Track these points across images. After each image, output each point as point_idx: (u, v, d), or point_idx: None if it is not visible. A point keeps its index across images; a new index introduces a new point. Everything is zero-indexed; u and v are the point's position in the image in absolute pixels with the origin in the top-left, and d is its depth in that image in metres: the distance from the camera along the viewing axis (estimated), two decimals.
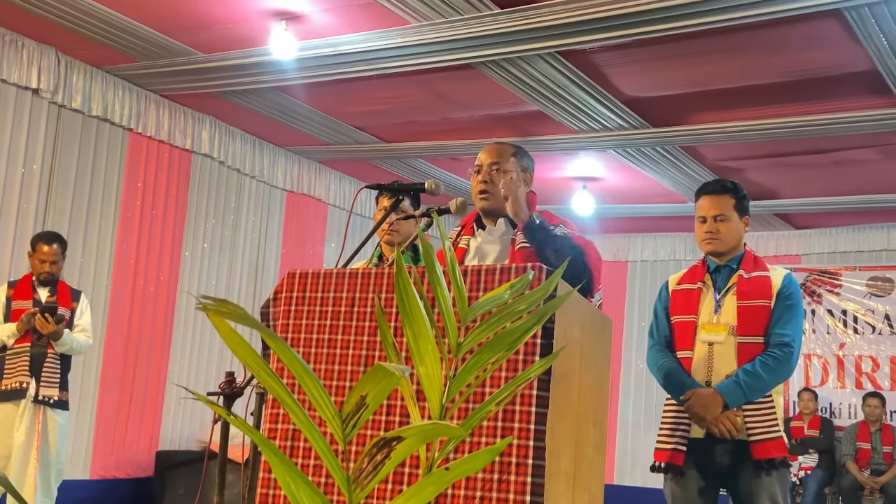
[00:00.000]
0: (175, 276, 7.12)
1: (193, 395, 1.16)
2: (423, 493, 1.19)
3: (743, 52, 5.36)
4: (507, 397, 1.46)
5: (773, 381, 3.11)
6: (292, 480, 1.17)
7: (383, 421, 2.28)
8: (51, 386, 4.93)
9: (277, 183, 8.05)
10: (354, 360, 2.38)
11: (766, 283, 3.21)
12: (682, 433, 3.17)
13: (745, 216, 3.33)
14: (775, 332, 3.13)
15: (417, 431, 1.15)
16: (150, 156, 6.92)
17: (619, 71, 5.81)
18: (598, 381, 2.53)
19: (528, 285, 1.84)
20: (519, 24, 5.07)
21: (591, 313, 2.55)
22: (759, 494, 3.05)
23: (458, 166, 8.19)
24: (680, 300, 3.32)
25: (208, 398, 1.26)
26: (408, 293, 1.37)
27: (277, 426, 2.42)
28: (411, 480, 2.20)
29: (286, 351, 1.13)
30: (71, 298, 5.16)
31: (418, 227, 2.81)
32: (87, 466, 6.42)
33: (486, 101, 6.53)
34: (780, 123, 6.42)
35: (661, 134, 6.86)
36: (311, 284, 2.50)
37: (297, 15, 5.29)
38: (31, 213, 6.03)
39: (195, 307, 1.07)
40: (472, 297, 2.23)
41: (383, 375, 1.13)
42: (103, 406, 6.52)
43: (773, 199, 8.49)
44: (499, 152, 3.02)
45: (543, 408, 2.14)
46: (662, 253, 10.24)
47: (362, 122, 7.32)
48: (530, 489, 2.09)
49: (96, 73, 6.40)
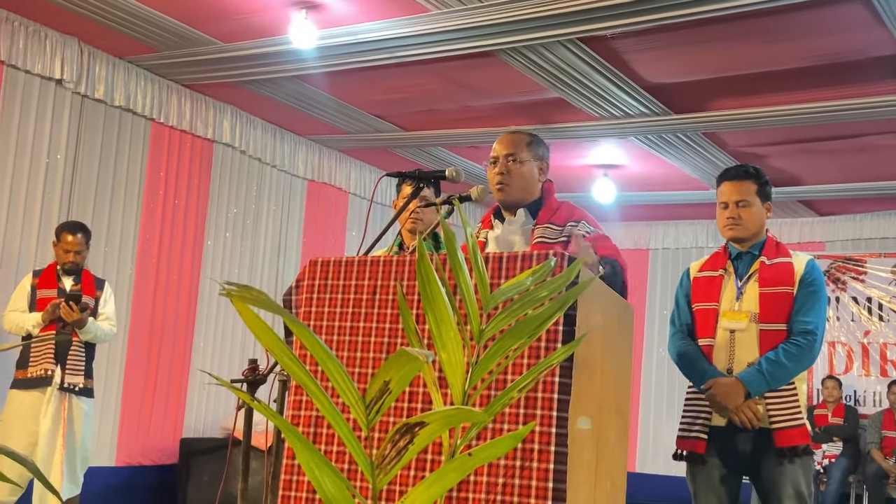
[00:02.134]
0: (198, 264, 7.16)
1: (218, 382, 1.17)
2: (447, 478, 1.19)
3: (766, 36, 5.31)
4: (529, 384, 1.46)
5: (796, 368, 3.09)
6: (316, 466, 1.18)
7: (405, 408, 2.29)
8: (76, 374, 4.98)
9: (298, 172, 8.08)
10: (376, 347, 2.39)
11: (789, 269, 3.18)
12: (704, 421, 3.16)
13: (767, 202, 3.30)
14: (798, 320, 3.11)
15: (441, 417, 1.16)
16: (172, 145, 6.96)
17: (640, 57, 5.78)
18: (620, 368, 2.53)
19: (550, 272, 1.84)
20: (539, 10, 5.04)
21: (613, 301, 2.54)
22: (782, 482, 3.04)
23: (477, 154, 8.18)
24: (701, 287, 3.31)
25: (233, 385, 1.27)
26: (430, 280, 1.38)
27: (300, 413, 2.44)
28: (433, 467, 2.21)
29: (310, 337, 1.14)
30: (95, 287, 5.20)
31: (440, 215, 2.81)
32: (112, 453, 6.49)
33: (506, 89, 6.51)
34: (803, 109, 6.35)
35: (682, 120, 6.81)
36: (333, 272, 2.51)
37: (317, 4, 5.29)
38: (56, 203, 6.09)
39: (219, 293, 1.07)
40: (494, 285, 2.23)
41: (406, 361, 1.13)
42: (128, 393, 6.59)
43: (797, 186, 8.42)
44: (514, 142, 3.00)
45: (566, 395, 2.14)
46: (684, 240, 10.18)
47: (382, 111, 7.32)
48: (553, 476, 2.09)
49: (118, 64, 6.44)
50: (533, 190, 2.98)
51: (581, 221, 2.87)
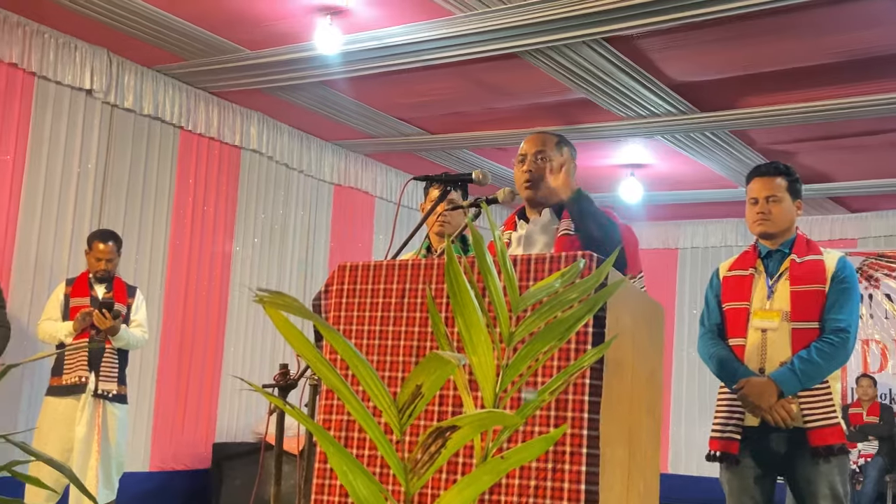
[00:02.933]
0: (227, 270, 7.22)
1: (251, 387, 1.18)
2: (479, 481, 1.19)
3: (792, 32, 5.26)
4: (560, 386, 1.46)
5: (829, 367, 3.06)
6: (349, 470, 1.19)
7: (436, 411, 2.30)
8: (109, 380, 5.04)
9: (325, 177, 8.11)
10: (406, 351, 2.39)
11: (820, 267, 3.15)
12: (737, 421, 3.13)
13: (797, 199, 3.27)
14: (830, 318, 3.08)
15: (473, 420, 1.16)
16: (200, 153, 7.02)
17: (665, 56, 5.75)
18: (651, 369, 2.52)
19: (579, 274, 1.84)
20: (563, 11, 5.04)
21: (643, 301, 2.53)
22: (817, 482, 3.01)
23: (503, 156, 8.17)
24: (731, 287, 3.28)
25: (265, 390, 1.28)
26: (459, 283, 1.38)
27: (331, 417, 2.45)
28: (465, 470, 2.21)
29: (341, 342, 1.14)
30: (127, 294, 5.26)
31: (467, 218, 2.81)
32: (146, 459, 6.55)
33: (532, 90, 6.51)
34: (831, 105, 6.29)
35: (709, 119, 6.77)
36: (362, 276, 2.52)
37: (342, 9, 5.32)
38: (87, 211, 6.16)
39: (252, 300, 1.08)
40: (522, 287, 2.23)
41: (438, 364, 1.14)
42: (161, 399, 6.65)
43: (827, 183, 8.34)
44: (542, 141, 3.01)
45: (597, 396, 2.13)
46: (713, 239, 10.11)
47: (407, 115, 7.34)
48: (585, 478, 2.08)
49: (147, 73, 6.51)
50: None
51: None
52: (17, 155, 5.79)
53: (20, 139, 5.80)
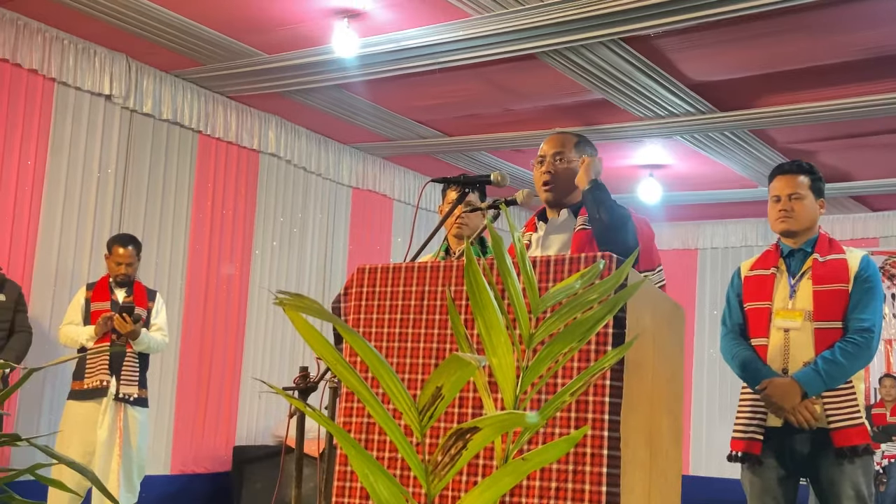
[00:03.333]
0: (246, 273, 7.25)
1: (273, 390, 1.18)
2: (501, 483, 1.19)
3: (812, 30, 5.22)
4: (581, 387, 1.45)
5: (853, 367, 3.03)
6: (371, 472, 1.19)
7: (456, 413, 2.29)
8: (130, 384, 5.06)
9: (343, 180, 8.13)
10: (426, 352, 2.39)
11: (843, 266, 3.12)
12: (760, 422, 3.11)
13: (820, 198, 3.25)
14: (854, 317, 3.05)
15: (494, 422, 1.15)
16: (218, 157, 7.05)
17: (684, 55, 5.72)
18: (672, 370, 2.50)
19: (599, 275, 1.83)
20: (580, 11, 5.02)
21: (663, 302, 2.51)
22: (841, 483, 2.98)
23: (521, 157, 8.16)
24: (753, 286, 3.26)
25: (287, 392, 1.28)
26: (479, 284, 1.38)
27: (351, 420, 2.45)
28: (485, 472, 2.20)
29: (362, 344, 1.14)
30: (147, 298, 5.28)
31: (486, 219, 2.80)
32: (167, 462, 6.58)
33: (549, 91, 6.49)
34: (852, 103, 6.24)
35: (729, 118, 6.73)
36: (381, 279, 2.52)
37: (359, 12, 5.33)
38: (107, 216, 6.20)
39: (272, 303, 1.08)
40: (542, 288, 2.22)
41: (458, 366, 1.13)
42: (181, 402, 6.68)
43: (848, 182, 8.27)
44: (561, 142, 3.00)
45: (617, 398, 2.12)
46: (733, 239, 10.05)
47: (425, 117, 7.34)
48: (606, 479, 2.07)
49: (165, 78, 6.54)
50: (578, 190, 2.97)
51: None
52: (38, 160, 5.83)
53: (40, 144, 5.85)
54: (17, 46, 5.63)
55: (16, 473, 1.61)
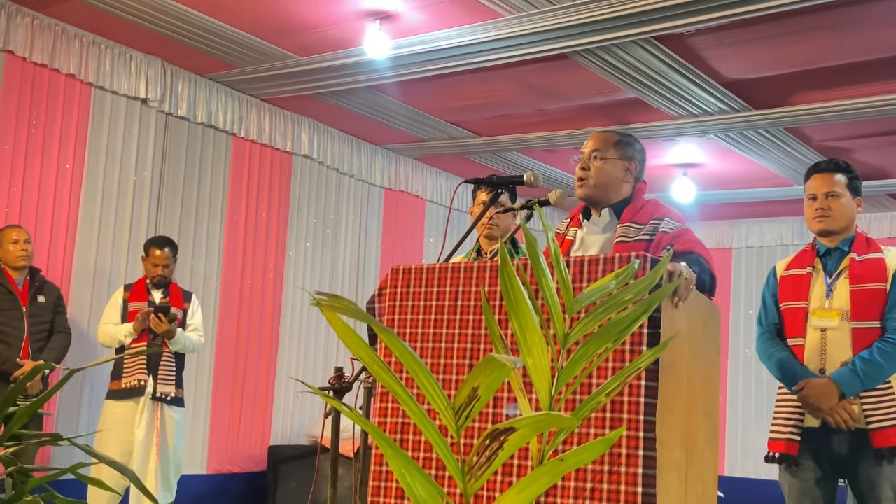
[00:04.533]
0: (280, 274, 7.30)
1: (310, 389, 1.19)
2: (537, 483, 1.19)
3: (847, 27, 5.16)
4: (617, 388, 1.45)
5: (892, 367, 3.00)
6: (408, 472, 1.20)
7: (490, 413, 2.30)
8: (167, 383, 5.13)
9: (375, 181, 8.17)
10: (460, 353, 2.40)
11: (881, 265, 3.09)
12: (797, 423, 3.08)
13: (857, 197, 3.21)
14: (893, 317, 3.02)
15: (530, 422, 1.16)
16: (252, 159, 7.11)
17: (718, 53, 5.67)
18: (708, 370, 2.49)
19: (633, 275, 1.83)
20: (613, 10, 5.00)
21: (699, 302, 2.50)
22: (880, 484, 2.95)
23: (553, 158, 8.14)
24: (789, 286, 3.23)
25: (324, 393, 1.29)
26: (513, 285, 1.38)
27: (386, 420, 2.46)
28: (520, 472, 2.21)
29: (398, 345, 1.15)
30: (183, 299, 5.35)
31: (519, 220, 2.80)
32: (203, 461, 6.64)
33: (581, 91, 6.47)
34: (888, 100, 6.15)
35: (764, 116, 6.66)
36: (415, 279, 2.53)
37: (391, 14, 5.35)
38: (144, 218, 6.28)
39: (310, 304, 1.10)
40: (576, 288, 2.22)
41: (494, 367, 1.14)
42: (217, 402, 6.74)
43: (886, 179, 8.15)
44: (601, 140, 2.98)
45: (653, 398, 2.12)
46: (768, 238, 9.95)
47: (456, 118, 7.35)
48: (642, 480, 2.07)
49: (200, 81, 6.61)
50: (617, 189, 2.93)
51: (665, 218, 2.81)
52: (76, 164, 5.92)
53: (78, 148, 5.94)
54: (55, 52, 5.72)
55: (59, 472, 1.64)
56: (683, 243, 2.68)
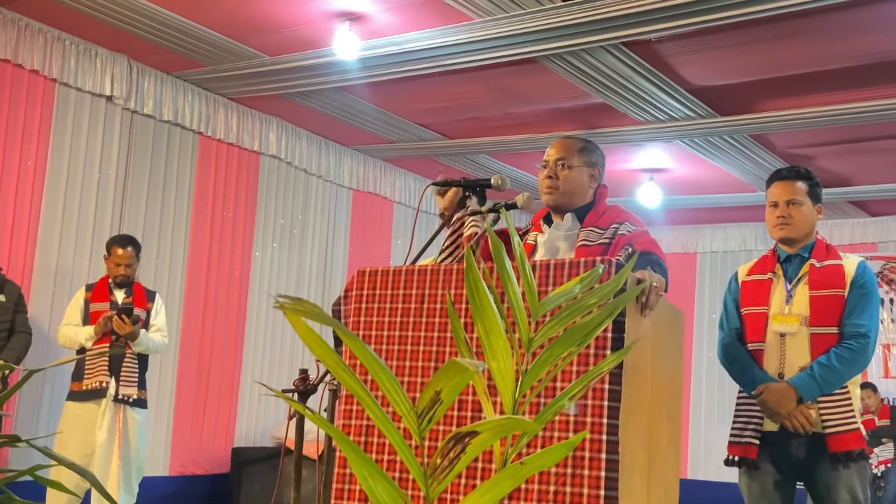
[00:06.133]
0: (246, 275, 7.25)
1: (272, 392, 1.19)
2: (499, 487, 1.20)
3: (811, 36, 5.24)
4: (580, 392, 1.46)
5: (849, 373, 3.04)
6: (370, 475, 1.19)
7: (455, 416, 2.30)
8: (130, 385, 5.07)
9: (344, 182, 8.14)
10: (425, 356, 2.40)
11: (839, 271, 3.14)
12: (756, 427, 3.12)
13: (818, 204, 3.26)
14: (850, 322, 3.06)
15: (492, 426, 1.16)
16: (219, 158, 7.06)
17: (684, 60, 5.73)
18: (671, 374, 2.51)
19: (598, 279, 1.84)
20: (581, 16, 5.03)
21: (662, 306, 2.52)
22: (837, 487, 2.99)
23: (522, 161, 8.17)
24: (750, 291, 3.27)
25: (286, 395, 1.29)
26: (478, 288, 1.38)
27: (351, 422, 2.46)
28: (484, 475, 2.21)
29: (361, 348, 1.15)
30: (146, 299, 5.29)
31: (486, 223, 2.80)
32: (166, 463, 6.58)
33: (550, 95, 6.50)
34: (851, 109, 6.25)
35: (729, 123, 6.74)
36: (381, 282, 2.53)
37: (361, 15, 5.34)
38: (107, 217, 6.21)
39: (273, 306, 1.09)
40: (542, 292, 2.23)
41: (457, 371, 1.14)
42: (180, 404, 6.68)
43: (847, 187, 8.28)
44: (566, 147, 2.99)
45: (616, 402, 2.13)
46: (732, 243, 10.06)
47: (426, 120, 7.35)
48: (604, 483, 2.08)
49: (167, 79, 6.55)
50: (582, 195, 2.96)
51: (625, 222, 2.85)
52: (38, 161, 5.84)
53: (41, 145, 5.86)
54: (19, 47, 5.64)
55: (16, 474, 1.61)
56: (641, 244, 2.73)
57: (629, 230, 2.81)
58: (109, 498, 1.66)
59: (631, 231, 2.80)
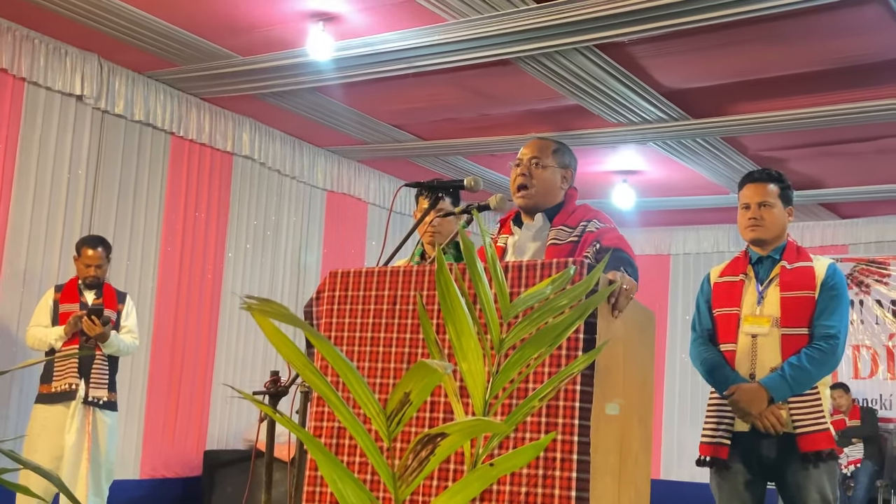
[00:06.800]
0: (219, 276, 7.20)
1: (240, 395, 1.17)
2: (469, 488, 1.19)
3: (783, 40, 5.28)
4: (550, 392, 1.45)
5: (819, 373, 3.07)
6: (339, 478, 1.18)
7: (427, 418, 2.29)
8: (100, 387, 5.01)
9: (317, 183, 8.11)
10: (397, 357, 2.39)
11: (810, 273, 3.17)
12: (727, 427, 3.14)
13: (789, 206, 3.29)
14: (820, 324, 3.10)
15: (461, 428, 1.15)
16: (192, 159, 7.01)
17: (657, 63, 5.76)
18: (642, 375, 2.52)
19: (570, 280, 1.84)
20: (555, 18, 5.04)
21: (634, 308, 2.53)
22: (806, 487, 3.02)
23: (496, 162, 8.18)
24: (722, 292, 3.29)
25: (255, 397, 1.28)
26: (449, 290, 1.38)
27: (323, 424, 2.44)
28: (456, 477, 2.21)
29: (330, 349, 1.14)
30: (117, 301, 5.23)
31: (459, 225, 2.80)
32: (136, 466, 6.52)
33: (524, 97, 6.52)
34: (822, 112, 6.31)
35: (701, 125, 6.79)
36: (354, 283, 2.51)
37: (334, 15, 5.32)
38: (77, 217, 6.14)
39: (240, 307, 1.08)
40: (514, 293, 2.23)
41: (426, 372, 1.13)
42: (151, 406, 6.62)
43: (818, 189, 8.37)
44: (539, 147, 3.01)
45: (587, 403, 2.14)
46: (705, 245, 10.14)
47: (400, 121, 7.34)
48: (576, 484, 2.08)
49: (138, 79, 6.49)
50: (554, 195, 2.98)
51: (593, 220, 2.87)
52: (7, 161, 5.77)
53: (10, 145, 5.78)
54: None
55: None
56: (609, 240, 2.76)
57: (597, 227, 2.84)
58: (76, 502, 1.64)
59: (599, 228, 2.83)
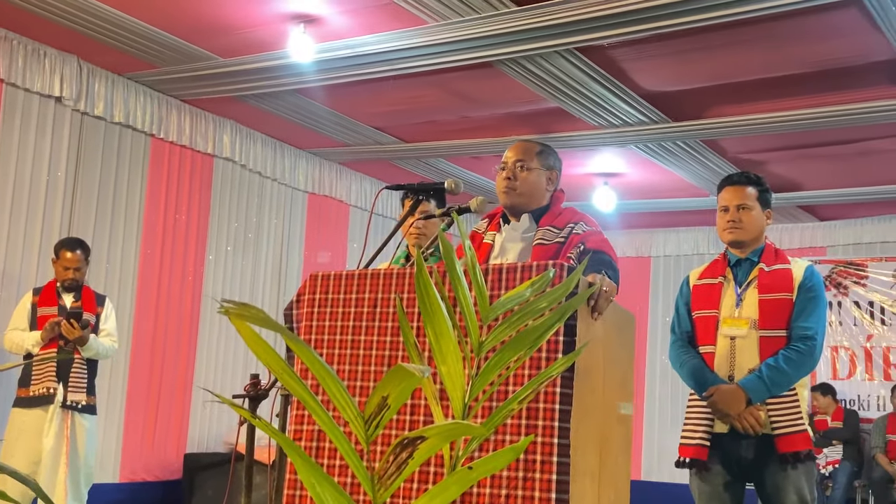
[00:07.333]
0: (199, 279, 7.17)
1: (219, 399, 1.17)
2: (448, 491, 1.19)
3: (762, 43, 5.32)
4: (530, 395, 1.46)
5: (797, 374, 3.10)
6: (317, 481, 1.18)
7: (407, 421, 2.29)
8: (78, 391, 4.98)
9: (299, 185, 8.09)
10: (377, 360, 2.39)
11: (788, 275, 3.20)
12: (706, 428, 3.16)
13: (767, 209, 3.32)
14: (798, 325, 3.12)
15: (440, 431, 1.16)
16: (172, 161, 6.97)
17: (637, 66, 5.79)
18: (622, 377, 2.53)
19: (549, 283, 1.84)
20: (536, 21, 5.06)
21: (614, 310, 2.54)
22: (785, 488, 3.04)
23: (478, 165, 8.19)
24: (701, 295, 3.31)
25: (234, 401, 1.27)
26: (429, 293, 1.38)
27: (303, 427, 2.44)
28: (436, 479, 2.21)
29: (308, 353, 1.14)
30: (96, 304, 5.20)
31: (439, 227, 2.80)
32: (116, 470, 6.47)
33: (505, 99, 6.53)
34: (801, 115, 6.36)
35: (681, 128, 6.82)
36: (334, 286, 2.51)
37: (315, 17, 5.31)
38: (56, 220, 6.09)
39: (218, 311, 1.08)
40: (494, 296, 2.23)
41: (404, 376, 1.13)
42: (131, 409, 6.58)
43: (797, 191, 8.43)
44: (524, 150, 3.03)
45: (567, 405, 2.14)
46: (685, 247, 10.19)
47: (382, 123, 7.33)
48: (556, 486, 2.09)
49: (118, 80, 6.45)
50: (539, 198, 3.00)
51: (580, 222, 2.89)
52: None
53: None
54: None
55: None
56: (593, 242, 2.79)
57: (583, 230, 2.87)
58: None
59: (585, 230, 2.86)
